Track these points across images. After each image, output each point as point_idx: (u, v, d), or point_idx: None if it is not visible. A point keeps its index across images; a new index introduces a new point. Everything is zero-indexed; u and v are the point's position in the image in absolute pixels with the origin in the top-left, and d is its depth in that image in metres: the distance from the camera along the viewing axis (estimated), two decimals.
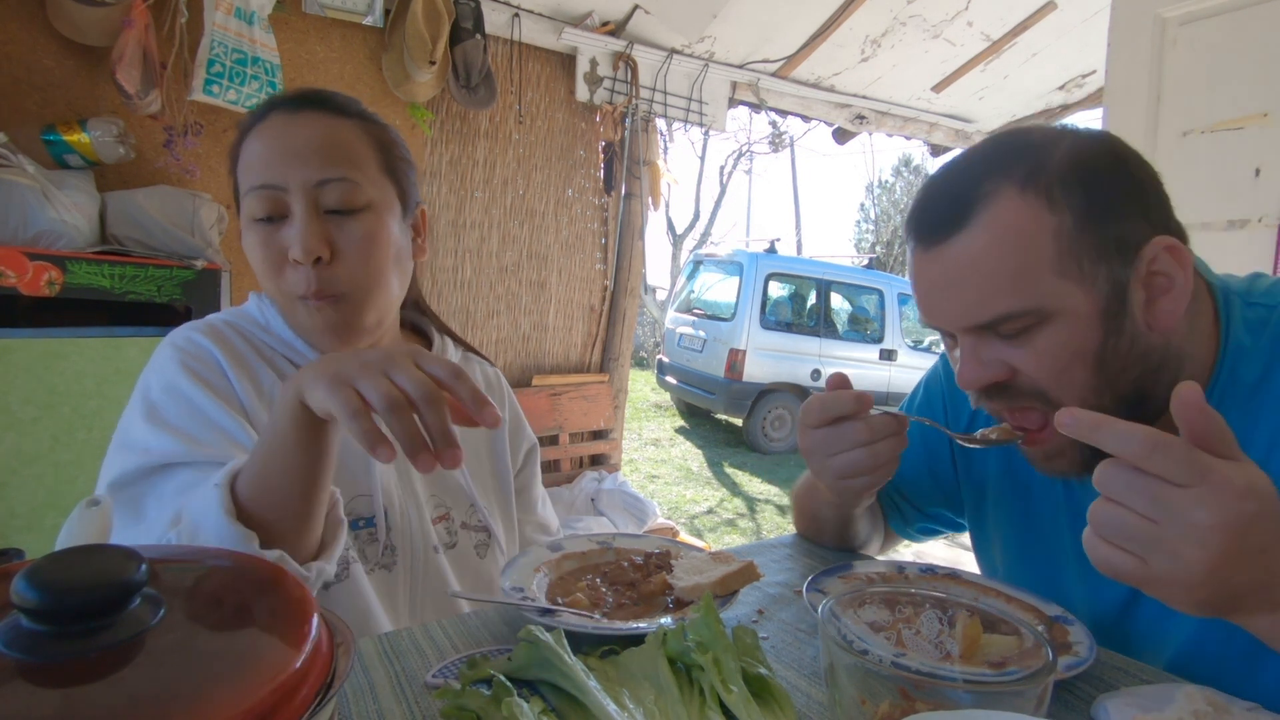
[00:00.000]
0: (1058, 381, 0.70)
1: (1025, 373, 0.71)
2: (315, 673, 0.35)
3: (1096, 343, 0.69)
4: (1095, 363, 0.69)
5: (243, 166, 0.87)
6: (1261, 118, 1.76)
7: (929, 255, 0.73)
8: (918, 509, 1.06)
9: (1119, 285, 0.68)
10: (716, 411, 8.11)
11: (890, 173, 22.56)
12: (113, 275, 1.97)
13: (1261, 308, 0.76)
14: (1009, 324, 0.69)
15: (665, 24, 3.42)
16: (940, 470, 1.02)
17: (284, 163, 0.83)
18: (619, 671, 0.59)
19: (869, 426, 0.78)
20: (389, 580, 0.94)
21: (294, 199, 0.83)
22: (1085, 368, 0.69)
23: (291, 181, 0.82)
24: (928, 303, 0.76)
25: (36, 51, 2.22)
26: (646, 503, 3.69)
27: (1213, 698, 0.59)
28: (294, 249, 0.82)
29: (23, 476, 1.83)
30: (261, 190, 0.83)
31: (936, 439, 1.01)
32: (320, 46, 2.77)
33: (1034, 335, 0.69)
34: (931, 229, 0.73)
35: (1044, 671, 0.48)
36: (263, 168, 0.83)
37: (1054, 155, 0.69)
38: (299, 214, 0.82)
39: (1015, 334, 0.70)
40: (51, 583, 0.34)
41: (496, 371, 1.17)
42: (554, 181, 3.62)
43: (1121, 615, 0.82)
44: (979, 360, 0.73)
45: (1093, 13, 3.45)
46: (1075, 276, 0.68)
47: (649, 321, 12.38)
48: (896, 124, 4.55)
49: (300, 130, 0.85)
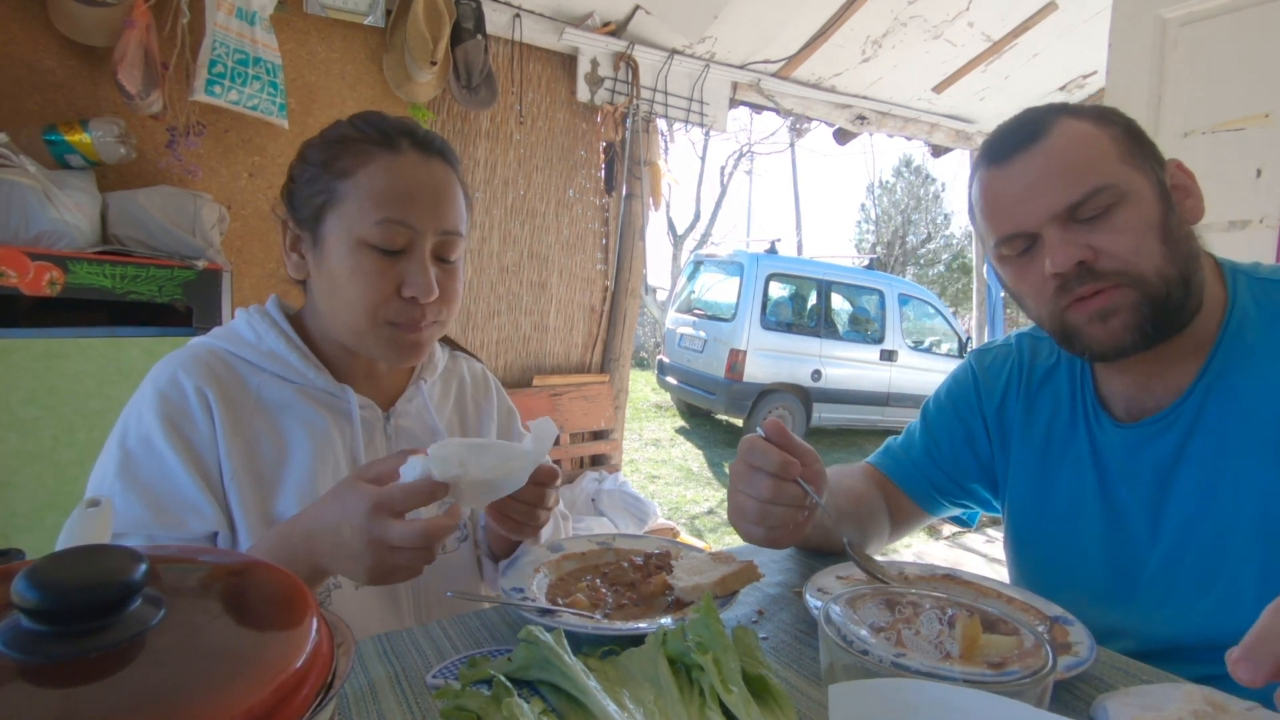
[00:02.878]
0: (1137, 251, 0.81)
1: (1108, 250, 0.82)
2: (315, 673, 0.35)
3: (1161, 215, 0.83)
4: (1162, 233, 0.82)
5: (367, 191, 0.86)
6: (1262, 118, 1.76)
7: (1013, 164, 0.86)
8: (956, 482, 1.12)
9: (1160, 181, 0.85)
10: (717, 412, 8.10)
11: (891, 173, 22.57)
12: (114, 275, 1.97)
13: (1267, 282, 0.89)
14: (1095, 201, 0.81)
15: (666, 24, 3.42)
16: (979, 446, 1.10)
17: (421, 206, 0.88)
18: (619, 672, 0.59)
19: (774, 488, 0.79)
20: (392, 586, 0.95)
21: (420, 242, 0.88)
22: (1156, 237, 0.82)
23: (426, 227, 0.88)
24: (1011, 210, 0.86)
25: (38, 52, 2.22)
26: (647, 503, 3.69)
27: (1211, 697, 0.59)
28: (418, 289, 0.87)
29: (23, 476, 1.84)
30: (399, 225, 0.87)
31: (973, 418, 1.10)
32: (321, 47, 2.77)
33: (1113, 214, 0.82)
34: (1012, 144, 0.87)
35: (1044, 671, 0.48)
36: (401, 204, 0.87)
37: (1086, 107, 0.88)
38: (422, 257, 0.88)
39: (1096, 215, 0.82)
40: (51, 583, 0.34)
41: (483, 368, 1.18)
42: (555, 182, 3.62)
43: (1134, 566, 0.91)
44: (1069, 242, 0.83)
45: (1093, 13, 3.45)
46: (1135, 165, 0.83)
47: (649, 322, 12.38)
48: (897, 124, 4.55)
49: (435, 176, 0.91)
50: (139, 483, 0.82)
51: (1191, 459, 0.87)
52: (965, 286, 18.44)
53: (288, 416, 0.91)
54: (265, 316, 0.95)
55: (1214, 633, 0.81)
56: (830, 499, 0.93)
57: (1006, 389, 1.08)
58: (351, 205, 0.87)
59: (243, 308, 0.97)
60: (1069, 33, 3.72)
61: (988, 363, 1.12)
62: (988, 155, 0.90)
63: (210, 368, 0.89)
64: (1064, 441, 1.00)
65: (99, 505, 0.48)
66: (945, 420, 1.13)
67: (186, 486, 0.83)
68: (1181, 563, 0.86)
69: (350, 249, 0.87)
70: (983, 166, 0.90)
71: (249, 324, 0.95)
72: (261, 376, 0.92)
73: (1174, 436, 0.88)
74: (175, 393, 0.86)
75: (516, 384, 3.64)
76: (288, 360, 0.93)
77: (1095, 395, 0.98)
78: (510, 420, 1.17)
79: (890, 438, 1.21)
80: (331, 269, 0.89)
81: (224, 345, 0.93)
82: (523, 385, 3.63)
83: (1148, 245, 0.82)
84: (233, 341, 0.93)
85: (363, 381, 0.99)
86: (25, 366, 1.82)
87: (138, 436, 0.84)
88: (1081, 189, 0.82)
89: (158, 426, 0.84)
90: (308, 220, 0.90)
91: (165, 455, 0.83)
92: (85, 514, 0.47)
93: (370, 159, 0.88)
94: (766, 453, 0.80)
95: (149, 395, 0.86)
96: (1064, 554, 0.97)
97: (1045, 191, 0.83)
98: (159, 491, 0.82)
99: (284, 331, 0.94)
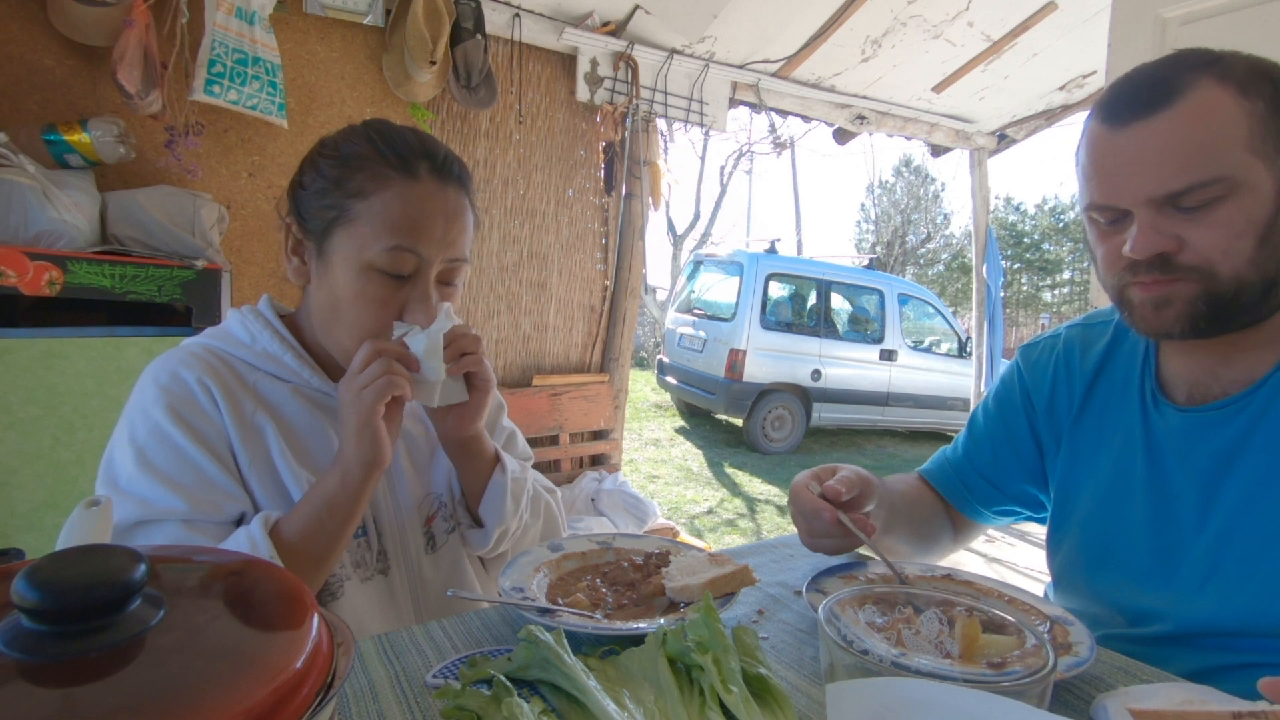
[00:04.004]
0: (1225, 252, 0.76)
1: (1195, 245, 0.77)
2: (315, 673, 0.35)
3: (1270, 215, 0.76)
4: (1264, 234, 0.76)
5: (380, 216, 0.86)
6: None
7: (1126, 131, 0.78)
8: (998, 488, 1.10)
9: None
10: (717, 411, 8.10)
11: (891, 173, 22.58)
12: (113, 275, 1.97)
13: None
14: (1198, 193, 0.75)
15: (666, 24, 3.42)
16: (1022, 446, 1.08)
17: (431, 234, 0.88)
18: (619, 671, 0.59)
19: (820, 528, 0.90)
20: (387, 585, 0.96)
21: (426, 269, 0.89)
22: (1254, 239, 0.76)
23: (434, 256, 0.89)
24: (1112, 181, 0.80)
25: (37, 51, 2.22)
26: (647, 503, 3.69)
27: (1208, 697, 0.59)
28: (419, 316, 0.88)
29: (23, 476, 1.83)
30: (408, 253, 0.87)
31: (1014, 417, 1.08)
32: (321, 46, 2.77)
33: (1216, 207, 0.75)
34: (1132, 107, 0.79)
35: (1044, 671, 0.48)
36: (413, 231, 0.87)
37: (1239, 60, 0.78)
38: (426, 285, 0.89)
39: (1198, 206, 0.76)
40: (51, 583, 0.34)
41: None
42: (554, 181, 3.62)
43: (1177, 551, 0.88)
44: (1157, 230, 0.78)
45: (1093, 13, 3.45)
46: (1263, 154, 0.75)
47: (649, 322, 12.38)
48: (897, 124, 4.55)
49: (449, 203, 0.91)
50: (161, 473, 0.81)
51: (1255, 450, 0.83)
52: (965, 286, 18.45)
53: (289, 411, 0.92)
54: (259, 317, 0.95)
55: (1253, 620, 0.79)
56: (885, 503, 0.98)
57: (1055, 384, 1.05)
58: (363, 228, 0.86)
59: (235, 308, 0.97)
60: (1069, 32, 3.72)
61: (1034, 358, 1.09)
62: (1106, 109, 0.82)
63: (208, 363, 0.89)
64: (1117, 423, 0.97)
65: (99, 505, 0.48)
66: (990, 426, 1.12)
67: (209, 470, 0.83)
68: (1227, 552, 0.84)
69: (357, 271, 0.86)
70: (1097, 119, 0.82)
71: (242, 325, 0.94)
72: (257, 375, 0.92)
73: (1239, 425, 0.84)
74: (178, 386, 0.86)
75: (516, 384, 3.64)
76: (283, 360, 0.93)
77: (1156, 378, 0.94)
78: (499, 413, 1.17)
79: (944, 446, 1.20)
80: (335, 286, 0.88)
81: (218, 345, 0.93)
82: (522, 385, 3.63)
83: (1239, 246, 0.76)
84: (227, 342, 0.93)
85: None
86: (25, 366, 1.82)
87: (148, 430, 0.84)
88: (1189, 178, 0.75)
89: (167, 418, 0.83)
90: (315, 231, 0.90)
91: (181, 444, 0.83)
92: (85, 513, 0.47)
93: (387, 184, 0.87)
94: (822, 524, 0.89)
95: (151, 392, 0.86)
96: (1106, 533, 0.95)
97: (1150, 172, 0.77)
98: (184, 479, 0.82)
99: (278, 331, 0.94)
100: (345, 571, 0.91)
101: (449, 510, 1.04)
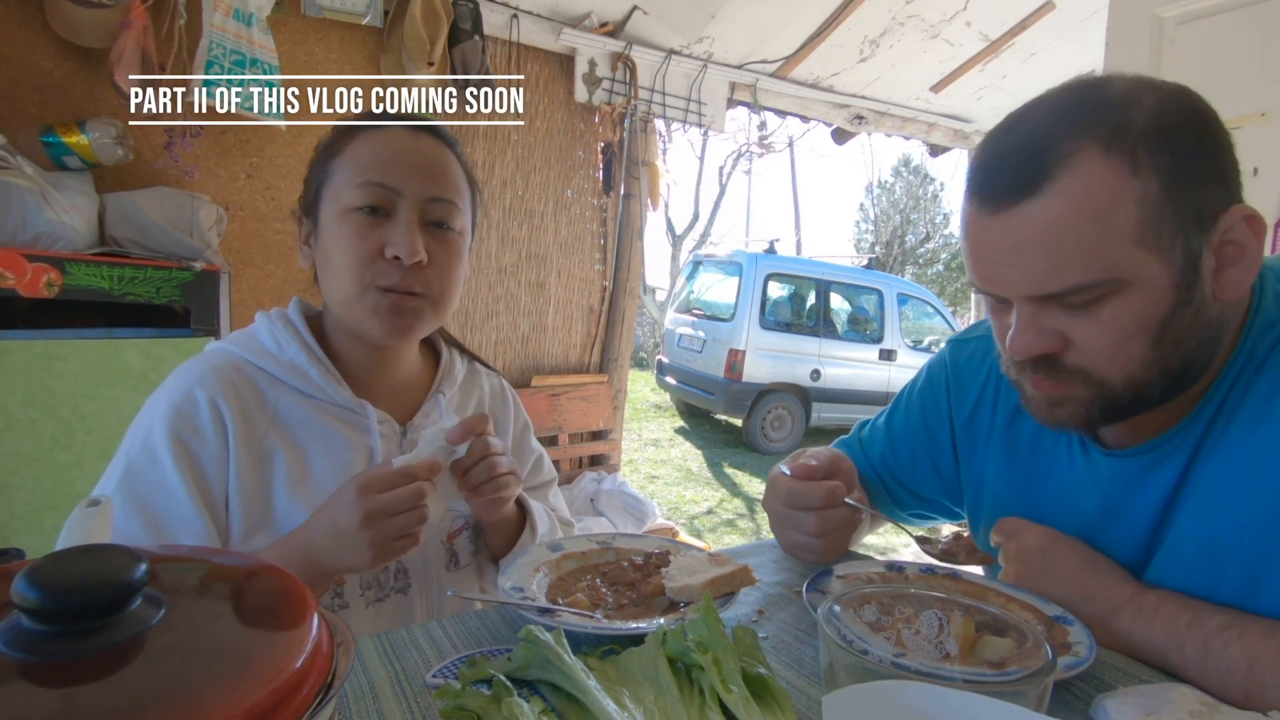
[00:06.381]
0: (1112, 355, 0.68)
1: (1081, 345, 0.69)
2: (315, 673, 0.35)
3: (1164, 315, 0.66)
4: (1157, 334, 0.67)
5: (351, 161, 0.89)
6: (1259, 117, 1.76)
7: (996, 219, 0.68)
8: (915, 495, 1.06)
9: (1193, 255, 0.66)
10: (716, 412, 8.10)
11: (890, 173, 22.58)
12: (111, 277, 1.97)
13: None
14: (1080, 295, 0.66)
15: (664, 25, 3.42)
16: (942, 461, 1.02)
17: (404, 170, 0.88)
18: (619, 671, 0.59)
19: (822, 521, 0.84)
20: (404, 604, 0.95)
21: (405, 205, 0.88)
22: (1145, 341, 0.67)
23: (408, 189, 0.88)
24: (988, 269, 0.71)
25: (35, 53, 2.22)
26: (646, 503, 3.69)
27: (1205, 697, 0.59)
28: (400, 249, 0.86)
29: (22, 477, 1.83)
30: (376, 186, 0.87)
31: (940, 427, 1.02)
32: (319, 47, 2.77)
33: (1102, 305, 0.66)
34: (1001, 191, 0.67)
35: (1044, 671, 0.48)
36: (382, 168, 0.88)
37: (1138, 113, 0.64)
38: (407, 220, 0.88)
39: (1083, 304, 0.67)
40: (51, 583, 0.33)
41: (501, 381, 1.16)
42: (553, 182, 3.62)
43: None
44: (1037, 329, 0.70)
45: (1091, 12, 3.45)
46: (1154, 246, 0.64)
47: (648, 322, 12.37)
48: (895, 124, 4.55)
49: (421, 148, 0.91)
50: (137, 497, 0.81)
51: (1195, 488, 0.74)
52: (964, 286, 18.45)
53: (305, 434, 0.90)
54: (288, 325, 0.94)
55: None
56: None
57: (980, 395, 0.96)
58: (339, 178, 0.89)
59: (263, 311, 0.96)
60: (1066, 32, 3.72)
61: (964, 358, 1.00)
62: (976, 186, 0.71)
63: (229, 381, 0.88)
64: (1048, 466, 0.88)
65: (99, 505, 0.48)
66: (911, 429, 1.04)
67: (183, 504, 0.82)
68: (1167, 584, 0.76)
69: (337, 218, 0.88)
70: (969, 196, 0.72)
71: (270, 332, 0.93)
72: (279, 390, 0.91)
73: (1176, 464, 0.76)
74: (188, 406, 0.85)
75: (515, 384, 3.63)
76: (308, 374, 0.91)
77: None
78: (525, 435, 1.15)
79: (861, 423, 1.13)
80: (324, 244, 0.90)
81: (244, 355, 0.91)
82: (521, 386, 3.63)
83: (1129, 349, 0.67)
84: (253, 351, 0.92)
85: (383, 394, 0.98)
86: (23, 368, 1.81)
87: (142, 448, 0.84)
88: (1066, 281, 0.66)
89: (165, 442, 0.83)
90: (310, 207, 0.92)
91: (167, 470, 0.82)
92: (85, 514, 0.47)
93: (357, 135, 0.90)
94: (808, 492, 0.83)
95: (162, 409, 0.85)
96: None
97: (1026, 268, 0.67)
98: (156, 507, 0.81)
99: (305, 342, 0.93)
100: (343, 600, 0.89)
101: (474, 532, 1.03)
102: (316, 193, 0.91)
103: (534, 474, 1.14)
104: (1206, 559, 0.72)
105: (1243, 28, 1.77)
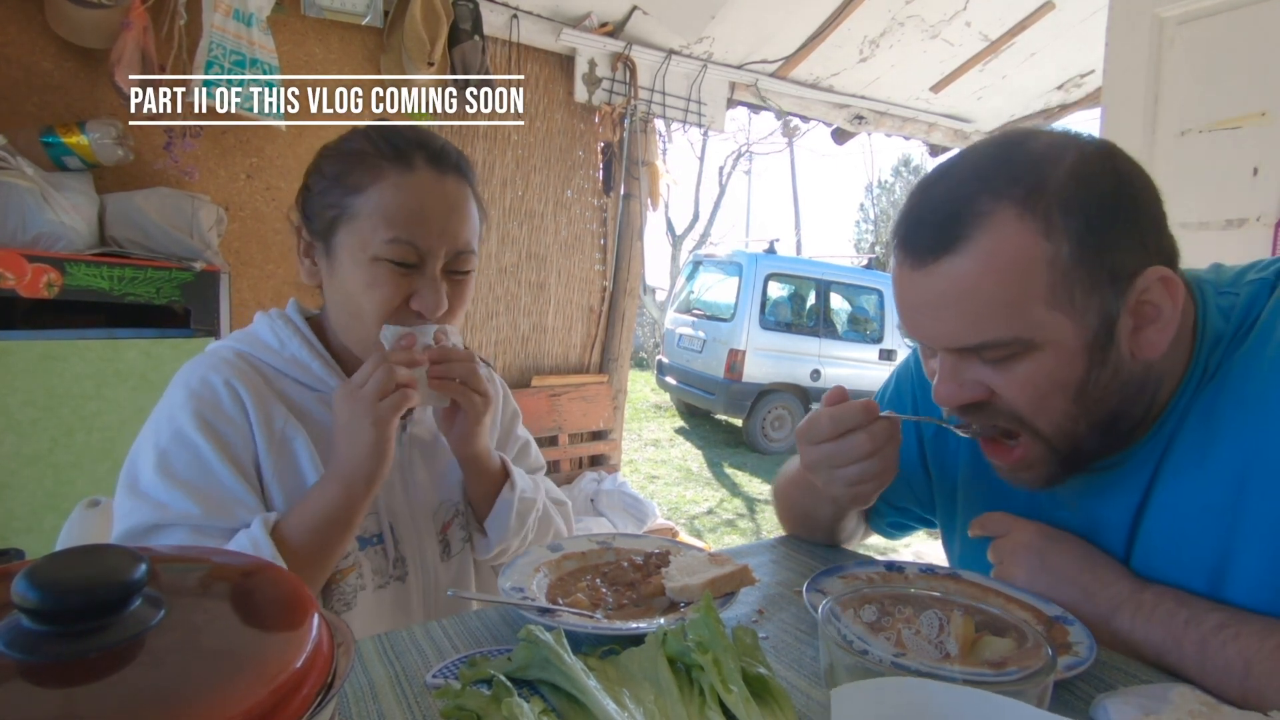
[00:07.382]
0: (1035, 408, 0.71)
1: (1003, 395, 0.71)
2: (315, 673, 0.35)
3: (1079, 374, 0.69)
4: (1075, 393, 0.69)
5: (378, 209, 0.87)
6: (1259, 117, 1.76)
7: (917, 273, 0.71)
8: (889, 504, 1.05)
9: (1108, 316, 0.67)
10: (716, 412, 8.10)
11: (890, 173, 22.59)
12: (111, 277, 1.97)
13: (1230, 294, 0.76)
14: (994, 351, 0.69)
15: (664, 25, 3.42)
16: (910, 470, 1.01)
17: (432, 226, 0.88)
18: (619, 671, 0.59)
19: (871, 436, 0.80)
20: (403, 591, 0.97)
21: (431, 260, 0.89)
22: (1064, 397, 0.70)
23: (436, 246, 0.89)
24: (911, 319, 0.75)
25: (35, 53, 2.22)
26: (646, 503, 3.69)
27: (1204, 697, 0.59)
28: (426, 306, 0.89)
29: (22, 478, 1.83)
30: (407, 245, 0.87)
31: (907, 440, 0.99)
32: (319, 48, 2.77)
33: (1016, 363, 0.69)
34: (921, 247, 0.70)
35: (1044, 671, 0.48)
36: (411, 222, 0.87)
37: (1056, 174, 0.66)
38: (433, 275, 0.89)
39: (998, 360, 0.70)
40: (51, 583, 0.34)
41: (489, 371, 1.17)
42: (553, 182, 3.62)
43: None
44: (958, 380, 0.73)
45: (1091, 12, 3.45)
46: (1066, 308, 0.67)
47: (648, 322, 12.37)
48: (895, 124, 4.55)
49: (447, 193, 0.91)
50: (179, 478, 0.82)
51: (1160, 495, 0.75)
52: None
53: (311, 423, 0.92)
54: (287, 322, 0.96)
55: None
56: None
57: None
58: (364, 223, 0.87)
59: (263, 311, 0.97)
60: (1066, 32, 3.72)
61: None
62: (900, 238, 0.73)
63: (238, 368, 0.90)
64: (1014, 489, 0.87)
65: (99, 505, 0.48)
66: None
67: (227, 478, 0.84)
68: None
69: (365, 265, 0.87)
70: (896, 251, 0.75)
71: (271, 329, 0.95)
72: (284, 382, 0.93)
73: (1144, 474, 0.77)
74: (207, 391, 0.87)
75: (515, 385, 3.64)
76: (310, 367, 0.94)
77: None
78: (514, 422, 1.17)
79: None
80: (344, 280, 0.89)
81: (246, 349, 0.93)
82: (521, 386, 3.63)
83: (1050, 404, 0.70)
84: (254, 346, 0.94)
85: None
86: (23, 368, 1.82)
87: (171, 433, 0.84)
88: (980, 337, 0.69)
89: (191, 424, 0.84)
90: (321, 231, 0.91)
91: (202, 450, 0.84)
92: (85, 514, 0.47)
93: (382, 175, 0.88)
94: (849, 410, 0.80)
95: (180, 396, 0.87)
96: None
97: (944, 321, 0.71)
98: (200, 485, 0.83)
99: (306, 338, 0.95)
100: (362, 580, 0.92)
101: (465, 519, 1.04)
102: (332, 223, 0.89)
103: (521, 458, 1.16)
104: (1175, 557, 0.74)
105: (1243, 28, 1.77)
